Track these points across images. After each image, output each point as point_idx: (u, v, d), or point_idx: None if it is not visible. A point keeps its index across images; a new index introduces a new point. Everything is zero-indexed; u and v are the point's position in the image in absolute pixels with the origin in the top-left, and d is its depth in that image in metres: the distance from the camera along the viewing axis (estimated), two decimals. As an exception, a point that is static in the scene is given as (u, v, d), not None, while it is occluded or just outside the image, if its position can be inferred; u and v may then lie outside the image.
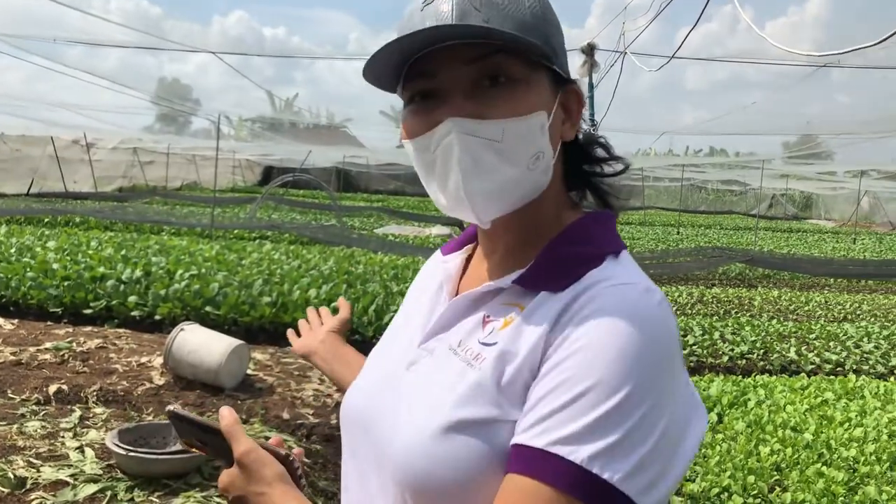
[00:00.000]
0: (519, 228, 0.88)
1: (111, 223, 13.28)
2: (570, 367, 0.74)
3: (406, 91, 0.86)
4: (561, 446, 0.71)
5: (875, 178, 25.57)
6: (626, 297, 0.76)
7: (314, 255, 9.34)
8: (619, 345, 0.73)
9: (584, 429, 0.71)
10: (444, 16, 0.79)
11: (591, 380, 0.72)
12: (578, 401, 0.72)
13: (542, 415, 0.73)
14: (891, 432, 3.95)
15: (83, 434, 3.42)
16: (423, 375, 0.87)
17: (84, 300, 6.19)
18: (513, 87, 0.81)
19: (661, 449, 0.72)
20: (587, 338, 0.74)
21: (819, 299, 9.23)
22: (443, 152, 0.82)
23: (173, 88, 26.61)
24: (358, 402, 0.94)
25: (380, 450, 0.85)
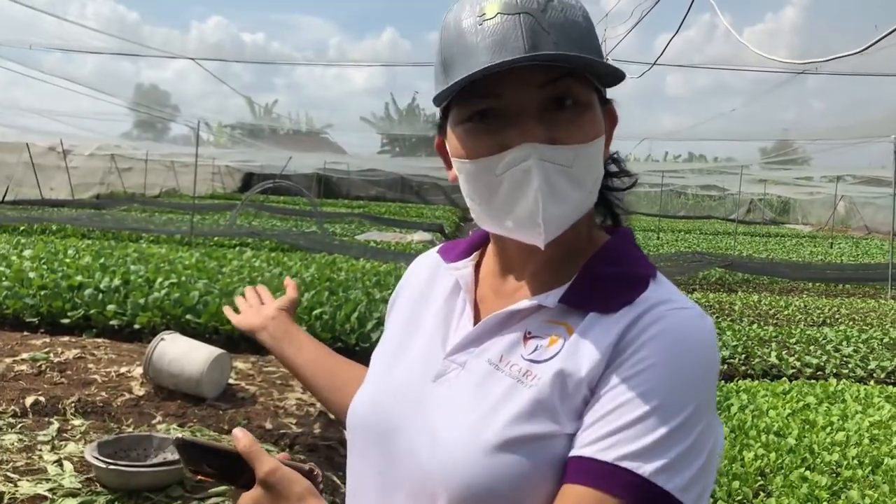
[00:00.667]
0: (558, 246, 0.87)
1: (89, 231, 13.12)
2: (638, 384, 0.78)
3: (461, 109, 0.84)
4: (630, 461, 0.75)
5: (850, 182, 25.94)
6: (688, 323, 0.82)
7: (295, 263, 9.28)
8: (684, 368, 0.78)
9: (651, 445, 0.75)
10: (516, 42, 0.78)
11: (658, 399, 0.77)
12: (646, 420, 0.76)
13: (610, 430, 0.77)
14: (872, 436, 3.99)
15: (61, 447, 3.36)
16: (459, 389, 0.87)
17: (61, 309, 6.10)
18: (580, 111, 0.83)
19: (709, 462, 0.79)
20: (653, 359, 0.79)
21: (798, 303, 9.32)
22: (515, 177, 0.81)
23: (151, 94, 26.35)
24: (374, 410, 0.93)
25: (411, 463, 0.85)
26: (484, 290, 0.96)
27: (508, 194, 0.82)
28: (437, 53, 0.86)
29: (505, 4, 0.80)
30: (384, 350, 1.02)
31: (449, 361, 0.90)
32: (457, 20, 0.83)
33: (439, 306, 0.98)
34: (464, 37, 0.81)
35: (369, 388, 0.97)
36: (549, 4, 0.80)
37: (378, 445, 0.90)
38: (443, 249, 1.05)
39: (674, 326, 0.81)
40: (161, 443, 3.23)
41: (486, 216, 0.87)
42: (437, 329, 0.95)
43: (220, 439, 3.72)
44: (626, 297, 0.84)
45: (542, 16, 0.79)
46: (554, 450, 0.80)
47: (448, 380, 0.89)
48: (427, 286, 1.03)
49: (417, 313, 1.01)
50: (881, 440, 3.93)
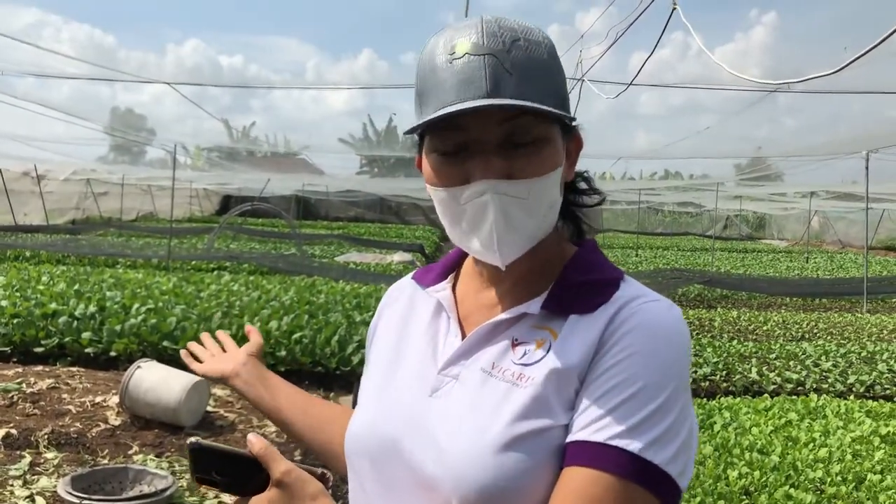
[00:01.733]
0: (529, 262, 0.96)
1: (64, 257, 12.93)
2: (621, 371, 0.86)
3: (432, 139, 0.92)
4: (619, 439, 0.83)
5: (823, 198, 26.26)
6: (660, 313, 0.90)
7: (274, 286, 9.19)
8: (660, 353, 0.87)
9: (638, 423, 0.83)
10: (479, 83, 0.85)
11: (641, 382, 0.85)
12: (630, 401, 0.84)
13: (599, 414, 0.84)
14: (854, 452, 4.00)
15: (34, 481, 3.27)
16: (456, 399, 0.92)
17: (35, 338, 5.98)
18: (538, 147, 0.90)
19: (690, 437, 0.87)
20: (633, 348, 0.86)
21: (777, 318, 9.39)
22: (475, 208, 0.90)
23: (127, 118, 26.13)
24: (373, 433, 0.97)
25: (420, 476, 0.90)
26: (466, 308, 1.02)
27: (470, 222, 0.91)
28: (415, 85, 0.94)
29: (473, 45, 0.87)
30: (373, 376, 1.06)
31: (442, 376, 0.95)
32: (430, 56, 0.90)
33: (424, 328, 1.03)
34: (435, 73, 0.89)
35: (365, 413, 1.01)
36: (514, 44, 0.87)
37: (382, 466, 0.95)
38: (417, 276, 1.12)
39: (648, 317, 0.89)
40: (137, 474, 3.16)
41: (455, 238, 0.96)
42: (425, 349, 1.00)
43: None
44: (601, 298, 0.93)
45: (506, 56, 0.86)
46: (552, 441, 0.86)
47: (444, 393, 0.94)
48: (407, 311, 1.08)
49: (402, 337, 1.06)
50: (863, 456, 3.94)
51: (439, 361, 0.97)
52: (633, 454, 0.82)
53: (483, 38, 0.87)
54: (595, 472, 0.82)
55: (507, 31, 0.88)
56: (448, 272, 1.08)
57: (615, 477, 0.82)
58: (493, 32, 0.87)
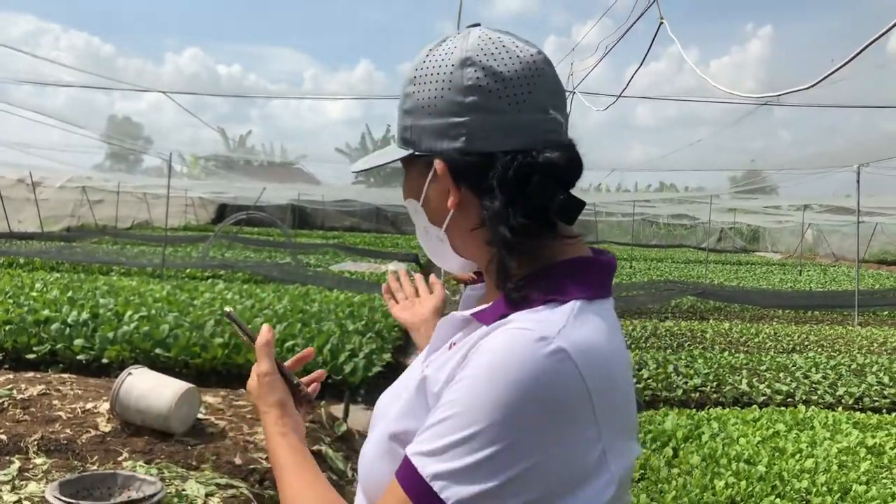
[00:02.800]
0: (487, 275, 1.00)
1: (58, 264, 12.92)
2: (448, 394, 0.82)
3: None
4: (418, 457, 0.80)
5: (817, 211, 26.40)
6: (511, 341, 0.80)
7: (268, 294, 9.21)
8: (486, 384, 0.78)
9: (438, 449, 0.78)
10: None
11: (455, 409, 0.79)
12: (440, 424, 0.79)
13: (422, 428, 0.83)
14: (841, 462, 4.02)
15: (22, 487, 3.28)
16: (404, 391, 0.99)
17: (27, 345, 5.99)
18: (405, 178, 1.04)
19: (515, 490, 0.76)
20: (468, 371, 0.81)
21: (768, 331, 9.43)
22: None
23: (124, 127, 26.22)
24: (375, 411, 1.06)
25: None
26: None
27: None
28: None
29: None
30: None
31: (422, 366, 0.99)
32: None
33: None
34: None
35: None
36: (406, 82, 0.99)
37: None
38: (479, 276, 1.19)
39: (498, 345, 0.80)
40: (126, 480, 3.17)
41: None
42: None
43: (188, 475, 3.66)
44: (501, 315, 0.87)
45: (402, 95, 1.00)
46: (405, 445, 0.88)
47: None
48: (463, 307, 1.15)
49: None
50: (849, 466, 3.97)
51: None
52: (422, 477, 0.78)
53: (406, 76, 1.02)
54: (395, 482, 0.82)
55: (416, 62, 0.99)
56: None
57: (405, 492, 0.80)
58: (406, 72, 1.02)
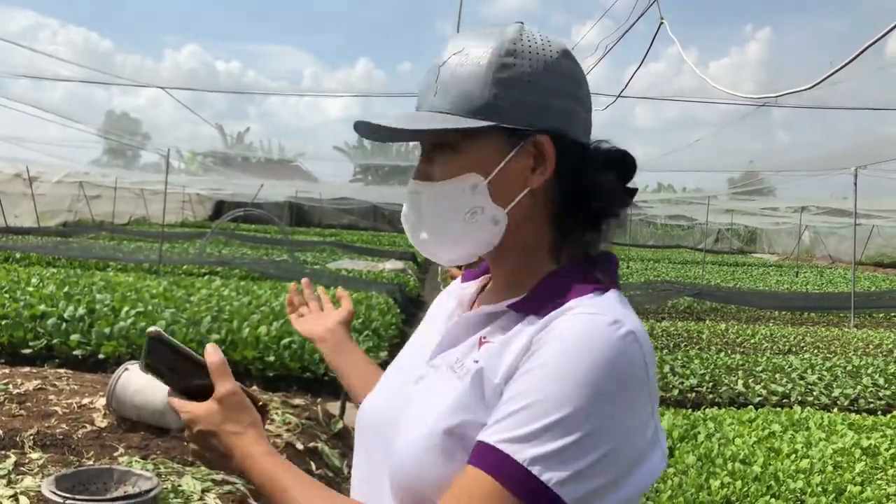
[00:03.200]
0: (506, 265, 1.00)
1: (54, 259, 12.90)
2: (527, 381, 0.83)
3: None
4: (507, 444, 0.81)
5: (814, 213, 26.45)
6: (587, 325, 0.84)
7: (265, 291, 9.20)
8: (568, 367, 0.81)
9: (529, 434, 0.80)
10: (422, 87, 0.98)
11: (538, 395, 0.81)
12: (527, 410, 0.81)
13: (498, 418, 0.83)
14: (836, 463, 4.03)
15: (18, 481, 3.27)
16: (426, 389, 0.97)
17: (23, 339, 5.98)
18: (447, 153, 0.95)
19: (603, 469, 0.80)
20: (544, 357, 0.84)
21: (765, 332, 9.44)
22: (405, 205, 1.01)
23: (122, 122, 26.17)
24: (371, 411, 1.05)
25: (388, 455, 0.95)
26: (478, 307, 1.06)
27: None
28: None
29: (440, 56, 0.96)
30: (393, 363, 1.13)
31: (429, 366, 1.00)
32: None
33: (442, 321, 1.09)
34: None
35: (371, 394, 1.09)
36: (449, 59, 0.94)
37: (374, 443, 1.00)
38: (465, 274, 1.17)
39: (571, 328, 0.84)
40: (122, 476, 3.16)
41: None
42: (430, 339, 1.05)
43: (183, 471, 3.65)
44: (557, 303, 0.90)
45: (440, 71, 0.94)
46: (468, 438, 0.87)
47: (424, 381, 0.99)
48: (445, 304, 1.14)
49: (427, 328, 1.13)
50: (844, 467, 3.98)
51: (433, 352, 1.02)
52: (518, 463, 0.79)
53: (446, 47, 0.96)
54: (480, 472, 0.81)
55: (460, 43, 0.95)
56: (484, 273, 1.13)
57: (496, 481, 0.80)
58: (454, 41, 0.96)
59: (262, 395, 5.17)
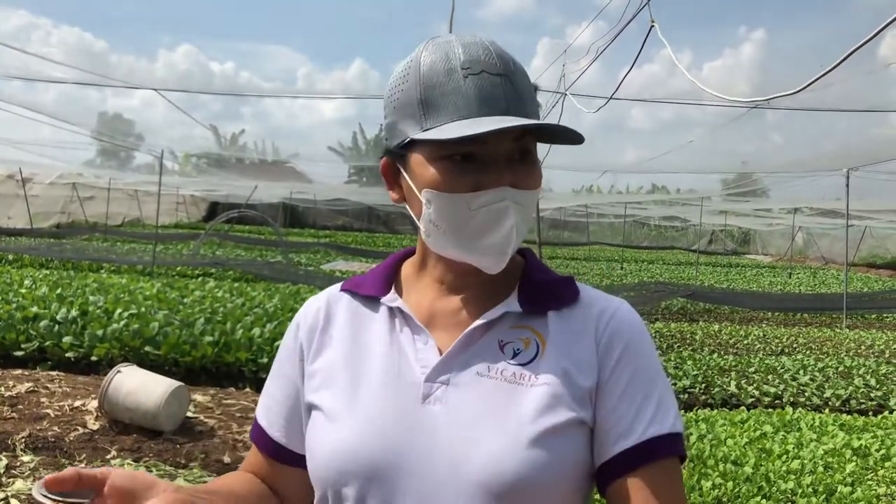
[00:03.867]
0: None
1: (47, 261, 12.86)
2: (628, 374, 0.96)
3: (444, 147, 0.94)
4: (658, 426, 0.93)
5: (807, 214, 26.54)
6: (630, 311, 1.02)
7: (259, 293, 9.19)
8: (649, 345, 1.00)
9: (661, 408, 0.95)
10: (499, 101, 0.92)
11: (648, 374, 0.97)
12: (653, 395, 0.95)
13: (632, 418, 0.94)
14: (826, 464, 4.05)
15: (9, 484, 3.27)
16: (457, 403, 0.94)
17: (15, 342, 5.96)
18: (533, 162, 0.98)
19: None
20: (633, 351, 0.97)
21: (757, 333, 9.47)
22: (490, 213, 0.94)
23: (115, 123, 26.07)
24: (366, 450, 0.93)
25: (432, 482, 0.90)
26: (423, 316, 1.02)
27: (481, 228, 0.94)
28: (410, 90, 0.95)
29: (486, 63, 0.93)
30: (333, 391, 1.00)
31: (431, 383, 0.95)
32: (436, 66, 0.94)
33: (384, 338, 1.02)
34: (449, 84, 0.92)
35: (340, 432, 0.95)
36: (515, 67, 0.95)
37: (380, 483, 0.92)
38: (352, 285, 1.10)
39: (632, 323, 1.00)
40: (114, 478, 3.16)
41: (450, 242, 0.97)
42: (393, 359, 0.99)
43: (176, 474, 3.65)
44: (569, 295, 1.02)
45: (514, 79, 0.94)
46: (572, 434, 0.93)
47: (438, 398, 0.94)
48: (353, 323, 1.06)
49: (356, 349, 1.03)
50: (835, 468, 4.00)
51: (418, 369, 0.96)
52: (675, 433, 0.94)
53: (495, 58, 0.94)
54: (662, 463, 0.93)
55: (506, 56, 0.96)
56: (389, 282, 1.07)
57: (673, 457, 0.94)
58: (500, 54, 0.95)
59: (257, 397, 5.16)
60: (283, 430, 1.08)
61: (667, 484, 0.93)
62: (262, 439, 1.10)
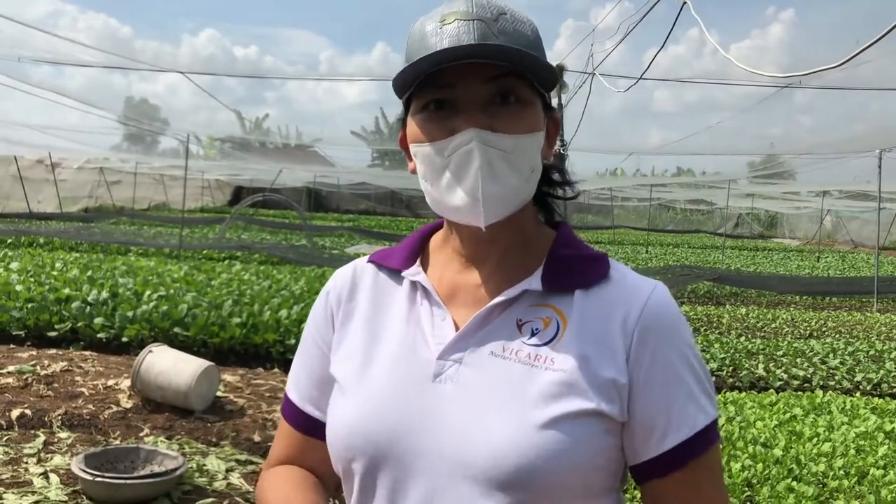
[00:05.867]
0: (509, 235, 0.97)
1: (76, 244, 13.06)
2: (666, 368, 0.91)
3: (420, 98, 0.93)
4: (700, 419, 0.91)
5: (836, 197, 26.13)
6: (665, 294, 0.96)
7: (285, 276, 9.27)
8: (685, 329, 0.95)
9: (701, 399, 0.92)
10: (468, 38, 0.88)
11: (687, 364, 0.92)
12: (692, 388, 0.91)
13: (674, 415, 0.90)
14: (858, 447, 4.01)
15: (48, 459, 3.34)
16: (469, 382, 0.91)
17: (48, 322, 6.07)
18: (521, 107, 0.92)
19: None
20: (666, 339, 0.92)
21: (786, 316, 9.37)
22: (459, 158, 0.90)
23: (141, 108, 26.26)
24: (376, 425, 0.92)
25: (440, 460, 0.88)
26: (445, 290, 0.99)
27: (454, 174, 0.91)
28: (404, 54, 0.96)
29: (463, 13, 0.90)
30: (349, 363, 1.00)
31: (444, 360, 0.93)
32: (421, 27, 0.93)
33: (403, 313, 0.99)
34: (425, 39, 0.91)
35: (353, 407, 0.95)
36: (500, 16, 0.91)
37: (388, 458, 0.91)
38: (379, 258, 1.07)
39: (664, 304, 0.94)
40: (148, 455, 3.22)
41: (436, 198, 0.94)
42: (410, 334, 0.97)
43: (208, 451, 3.71)
44: (598, 273, 0.96)
45: (493, 23, 0.89)
46: (589, 424, 0.88)
47: (449, 377, 0.92)
48: (375, 296, 1.04)
49: (375, 323, 1.01)
50: (867, 451, 3.96)
51: (433, 346, 0.94)
52: (713, 420, 0.93)
53: (472, 7, 0.91)
54: (705, 456, 0.91)
55: (496, 6, 0.92)
56: (415, 255, 1.04)
57: (713, 445, 0.93)
58: (481, 4, 0.91)
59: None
60: (316, 401, 1.04)
61: (709, 474, 0.92)
62: (293, 413, 1.07)
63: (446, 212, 0.95)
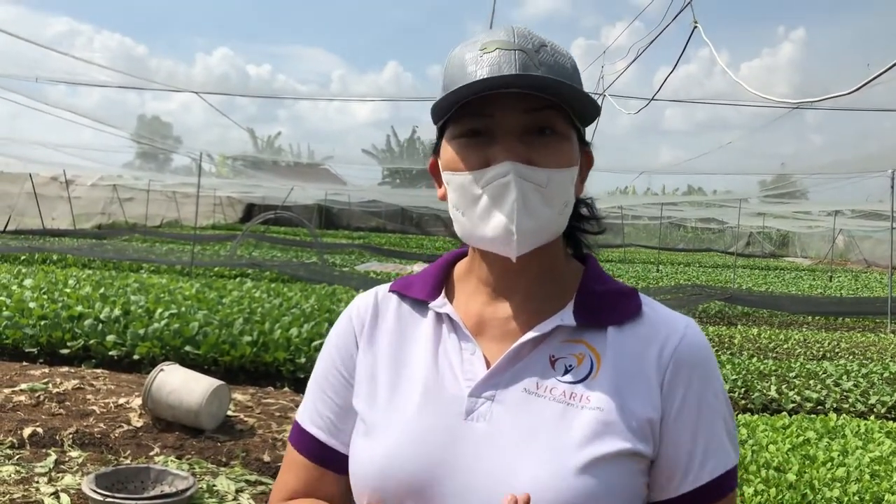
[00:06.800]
0: (538, 266, 0.95)
1: (89, 261, 13.15)
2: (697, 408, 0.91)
3: (456, 126, 0.92)
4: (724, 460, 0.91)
5: (849, 216, 26.00)
6: (698, 333, 0.95)
7: (295, 293, 9.29)
8: (715, 369, 0.94)
9: (727, 441, 0.92)
10: (509, 68, 0.87)
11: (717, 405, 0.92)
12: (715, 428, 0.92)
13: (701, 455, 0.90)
14: (873, 472, 3.96)
15: (58, 479, 3.35)
16: (502, 421, 0.89)
17: (61, 340, 6.10)
18: (558, 140, 0.91)
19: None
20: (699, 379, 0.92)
21: (798, 337, 9.30)
22: (495, 189, 0.89)
23: (154, 126, 26.54)
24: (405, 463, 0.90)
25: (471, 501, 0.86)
26: (472, 322, 0.96)
27: (488, 205, 0.89)
28: (441, 83, 0.95)
29: (504, 42, 0.89)
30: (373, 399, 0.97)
31: (475, 398, 0.90)
32: (460, 55, 0.92)
33: (429, 346, 0.97)
34: (465, 67, 0.90)
35: (384, 444, 0.92)
36: (541, 48, 0.90)
37: (418, 499, 0.89)
38: (401, 287, 1.04)
39: (697, 344, 0.94)
40: (159, 475, 3.22)
41: (468, 228, 0.92)
42: (439, 369, 0.94)
43: (218, 471, 3.71)
44: (632, 309, 0.95)
45: (534, 54, 0.89)
46: (627, 465, 0.87)
47: (482, 415, 0.89)
48: (400, 326, 1.01)
49: (401, 355, 0.98)
50: (882, 476, 3.91)
51: (462, 382, 0.92)
52: (735, 466, 0.93)
53: (514, 37, 0.90)
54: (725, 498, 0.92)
55: (536, 38, 0.92)
56: (440, 285, 1.01)
57: (732, 492, 0.93)
58: (523, 34, 0.91)
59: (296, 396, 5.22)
60: (334, 431, 1.00)
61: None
62: (306, 443, 1.02)
63: (477, 241, 0.93)
